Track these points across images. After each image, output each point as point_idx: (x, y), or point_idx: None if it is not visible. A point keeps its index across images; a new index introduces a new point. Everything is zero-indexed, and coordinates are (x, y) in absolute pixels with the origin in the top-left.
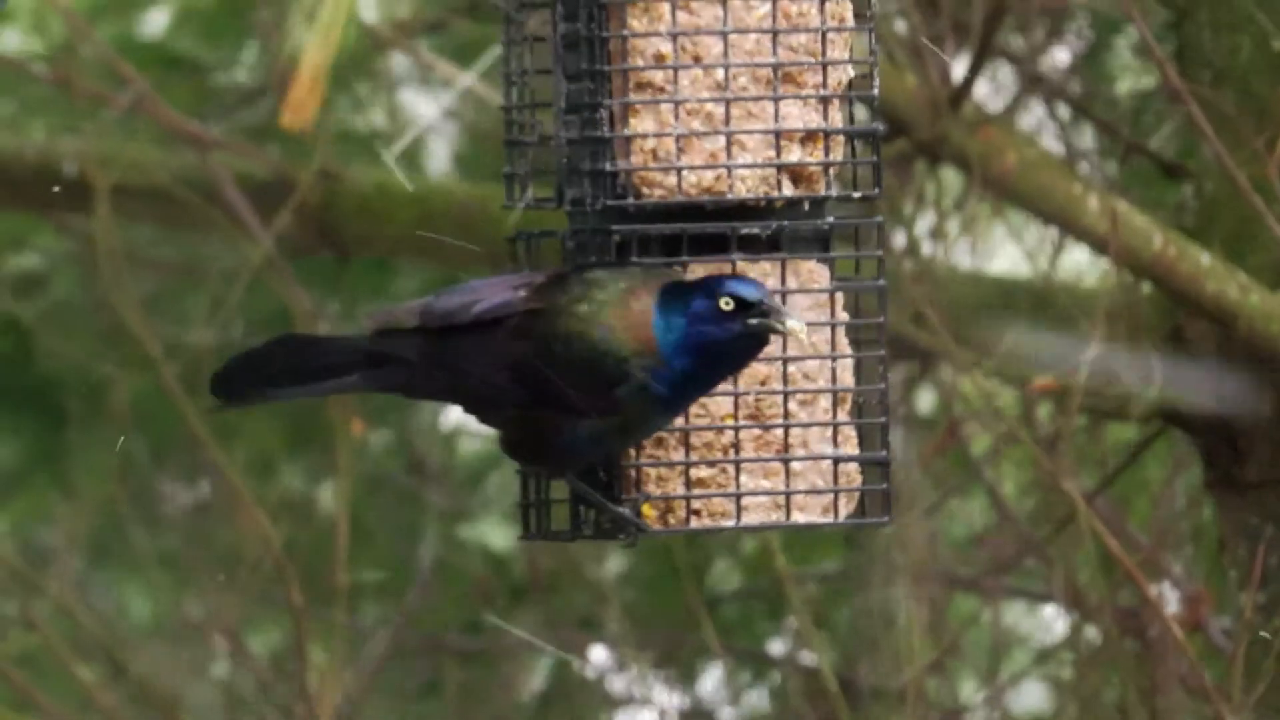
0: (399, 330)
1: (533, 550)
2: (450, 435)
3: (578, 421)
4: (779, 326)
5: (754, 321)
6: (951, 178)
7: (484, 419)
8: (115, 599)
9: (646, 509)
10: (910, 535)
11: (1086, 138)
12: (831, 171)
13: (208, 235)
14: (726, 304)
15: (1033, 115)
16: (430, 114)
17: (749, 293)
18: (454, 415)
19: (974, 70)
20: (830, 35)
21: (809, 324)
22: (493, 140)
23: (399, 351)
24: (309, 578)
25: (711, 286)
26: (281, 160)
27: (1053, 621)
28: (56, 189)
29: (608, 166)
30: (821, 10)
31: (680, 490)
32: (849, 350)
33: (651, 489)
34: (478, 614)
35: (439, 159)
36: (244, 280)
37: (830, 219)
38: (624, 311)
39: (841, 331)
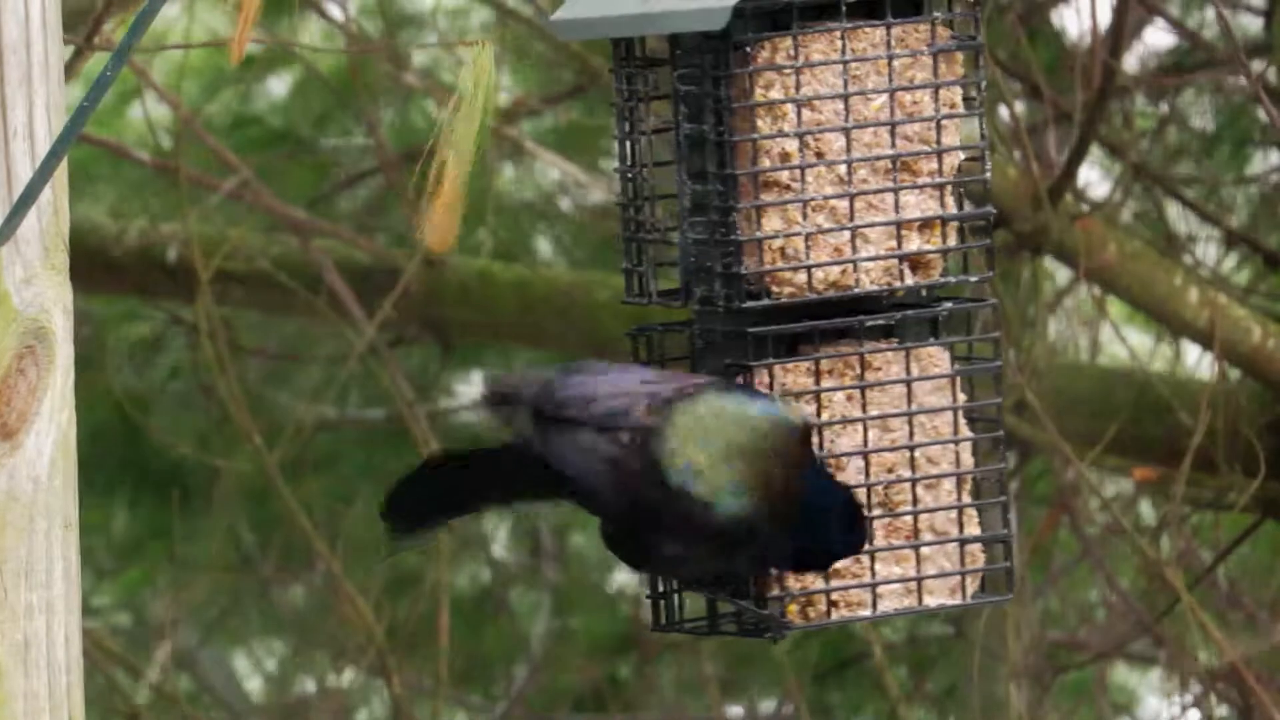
0: (514, 405)
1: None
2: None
3: (669, 540)
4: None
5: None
6: (1054, 268)
7: (596, 514)
8: (227, 672)
9: (790, 607)
10: (1021, 614)
11: (1190, 227)
12: (948, 257)
13: (311, 321)
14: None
15: (1134, 204)
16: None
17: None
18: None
19: (1074, 161)
20: (944, 122)
21: (933, 410)
22: (595, 227)
23: (525, 443)
24: (422, 650)
25: (849, 534)
26: (385, 247)
27: (1164, 701)
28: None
29: (741, 269)
30: (935, 98)
31: (819, 584)
32: (968, 432)
33: (791, 584)
34: (589, 693)
35: (543, 246)
36: (348, 368)
37: (949, 304)
38: (757, 472)
39: (961, 414)
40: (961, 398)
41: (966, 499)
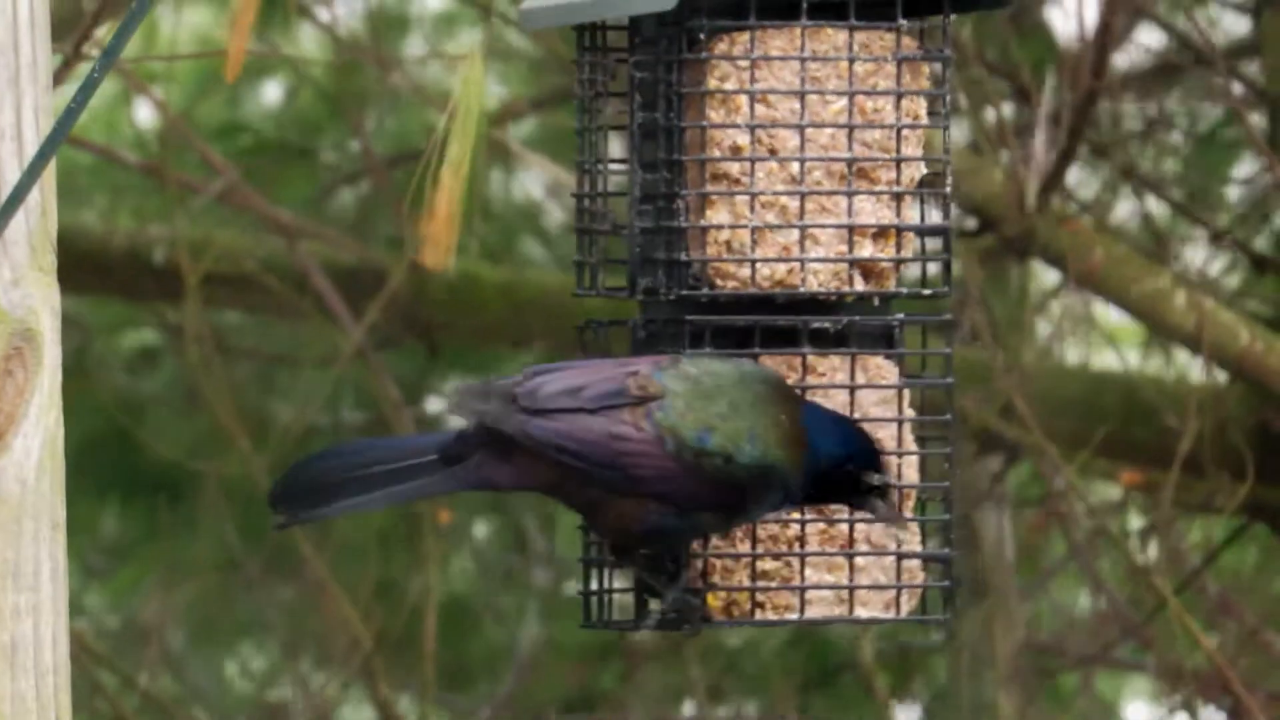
0: (489, 406)
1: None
2: (553, 514)
3: (678, 509)
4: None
5: (875, 503)
6: (1041, 271)
7: (569, 502)
8: (215, 674)
9: (711, 599)
10: (1008, 619)
11: (1177, 229)
12: (902, 268)
13: (299, 324)
14: (869, 479)
15: (1122, 207)
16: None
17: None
18: None
19: (1062, 164)
20: (905, 132)
21: (877, 420)
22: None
23: (507, 433)
24: (407, 653)
25: (864, 457)
26: (370, 250)
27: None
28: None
29: (682, 256)
30: (896, 107)
31: (745, 582)
32: (914, 446)
33: (717, 580)
34: (577, 694)
35: (530, 248)
36: (335, 371)
37: (900, 316)
38: (769, 421)
39: (908, 428)
40: (909, 412)
41: (908, 514)
